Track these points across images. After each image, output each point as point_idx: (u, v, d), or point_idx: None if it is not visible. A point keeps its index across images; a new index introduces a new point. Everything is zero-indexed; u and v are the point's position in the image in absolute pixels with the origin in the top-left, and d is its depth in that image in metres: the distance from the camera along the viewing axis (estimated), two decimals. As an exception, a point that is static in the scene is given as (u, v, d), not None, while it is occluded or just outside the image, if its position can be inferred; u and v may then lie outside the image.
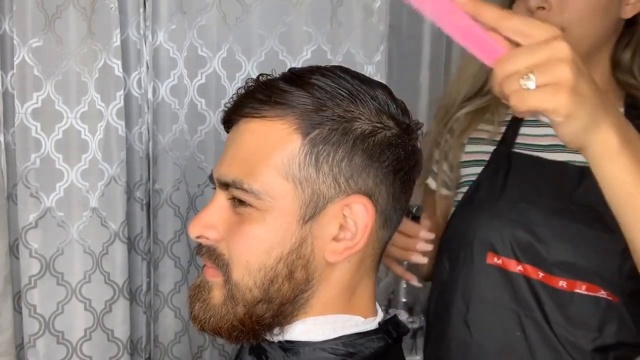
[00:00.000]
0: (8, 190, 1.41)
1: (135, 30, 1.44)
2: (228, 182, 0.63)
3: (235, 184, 0.63)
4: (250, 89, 0.67)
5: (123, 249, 1.45)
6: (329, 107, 0.62)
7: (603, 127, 0.61)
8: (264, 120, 0.63)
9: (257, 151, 0.63)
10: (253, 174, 0.62)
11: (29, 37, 1.35)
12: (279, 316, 0.64)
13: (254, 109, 0.64)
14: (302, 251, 0.62)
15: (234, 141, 0.66)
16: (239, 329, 0.64)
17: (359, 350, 0.64)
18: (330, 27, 1.55)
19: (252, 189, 0.62)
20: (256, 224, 0.62)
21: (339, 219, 0.62)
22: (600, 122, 0.61)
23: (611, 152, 0.62)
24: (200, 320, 0.65)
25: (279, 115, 0.62)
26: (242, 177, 0.62)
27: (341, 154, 0.61)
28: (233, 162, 0.64)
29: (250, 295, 0.63)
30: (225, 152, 0.66)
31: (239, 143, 0.65)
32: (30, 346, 1.42)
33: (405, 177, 0.65)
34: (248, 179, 0.62)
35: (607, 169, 0.64)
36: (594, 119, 0.60)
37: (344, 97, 0.62)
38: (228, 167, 0.64)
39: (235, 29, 1.51)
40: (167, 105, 1.49)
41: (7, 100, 1.38)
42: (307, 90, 0.62)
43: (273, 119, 0.63)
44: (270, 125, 0.63)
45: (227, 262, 0.63)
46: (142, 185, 1.50)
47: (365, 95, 0.63)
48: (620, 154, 0.62)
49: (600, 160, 0.64)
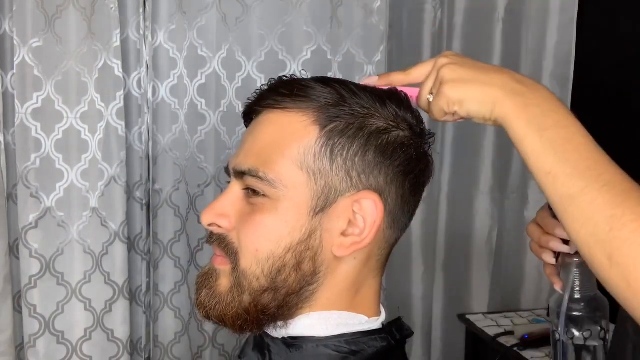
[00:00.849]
0: (8, 190, 1.41)
1: (135, 31, 1.44)
2: (244, 170, 0.64)
3: (251, 172, 0.64)
4: (274, 85, 0.68)
5: (123, 249, 1.45)
6: (348, 103, 0.64)
7: (505, 103, 0.64)
8: (285, 111, 0.65)
9: (275, 141, 0.65)
10: (269, 163, 0.63)
11: (29, 37, 1.35)
12: (283, 307, 0.64)
13: (276, 101, 0.66)
14: (311, 243, 0.63)
15: (253, 132, 0.67)
16: (244, 318, 0.64)
17: (362, 349, 0.64)
18: (330, 27, 1.55)
19: (267, 178, 0.63)
20: (268, 213, 0.63)
21: (348, 214, 0.63)
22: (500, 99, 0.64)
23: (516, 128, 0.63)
24: (205, 307, 0.66)
25: (300, 107, 0.64)
26: (258, 165, 0.64)
27: (355, 148, 0.63)
28: (250, 152, 0.66)
29: (257, 283, 0.63)
30: (243, 143, 0.68)
31: (258, 134, 0.66)
32: (31, 346, 1.42)
33: (415, 180, 0.66)
34: (264, 167, 0.63)
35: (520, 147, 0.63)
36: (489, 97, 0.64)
37: (364, 96, 0.64)
38: (245, 157, 0.65)
39: (235, 29, 1.52)
40: (167, 105, 1.49)
41: (7, 100, 1.38)
42: (330, 86, 0.65)
43: (293, 110, 0.64)
44: (290, 117, 0.65)
45: (236, 250, 0.64)
46: (142, 185, 1.50)
47: (383, 98, 0.65)
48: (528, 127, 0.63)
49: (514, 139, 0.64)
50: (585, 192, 0.59)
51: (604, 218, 0.58)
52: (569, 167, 0.60)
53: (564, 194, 0.60)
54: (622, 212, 0.58)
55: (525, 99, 0.63)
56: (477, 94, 0.65)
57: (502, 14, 1.78)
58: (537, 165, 0.62)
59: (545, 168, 0.61)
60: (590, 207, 0.59)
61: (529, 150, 0.62)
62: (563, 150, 0.61)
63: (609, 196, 0.59)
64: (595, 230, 0.59)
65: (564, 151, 0.61)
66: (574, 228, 0.61)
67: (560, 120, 0.62)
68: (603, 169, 0.61)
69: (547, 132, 0.61)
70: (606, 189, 0.59)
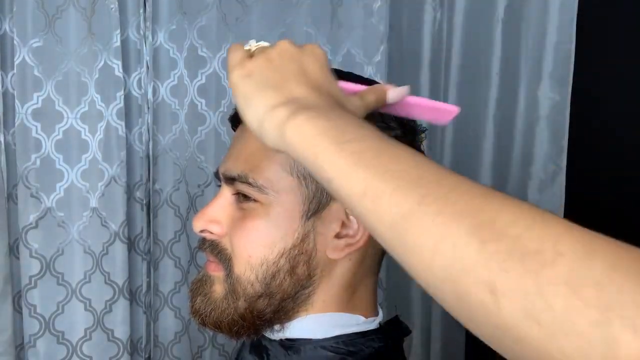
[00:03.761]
0: (8, 191, 1.41)
1: (136, 31, 1.44)
2: (234, 176, 0.64)
3: (240, 178, 0.63)
4: None
5: (123, 249, 1.45)
6: None
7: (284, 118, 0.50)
8: None
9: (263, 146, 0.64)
10: (258, 168, 0.63)
11: (29, 38, 1.35)
12: (279, 312, 0.64)
13: None
14: (305, 247, 0.63)
15: (241, 137, 0.67)
16: (240, 324, 0.65)
17: (359, 350, 0.64)
18: (330, 28, 1.56)
19: (257, 183, 0.63)
20: (259, 218, 0.63)
21: (341, 216, 0.63)
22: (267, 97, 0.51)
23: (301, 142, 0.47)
24: (201, 315, 0.66)
25: None
26: (247, 171, 0.63)
27: None
28: (239, 157, 0.65)
29: (252, 289, 0.63)
30: (232, 147, 0.67)
31: (246, 138, 0.66)
32: (31, 346, 1.42)
33: None
34: (253, 173, 0.63)
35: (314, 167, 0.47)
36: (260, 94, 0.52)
37: None
38: (234, 162, 0.65)
39: (235, 29, 1.52)
40: (167, 105, 1.49)
41: (8, 100, 1.38)
42: None
43: None
44: None
45: (230, 257, 0.64)
46: (142, 185, 1.50)
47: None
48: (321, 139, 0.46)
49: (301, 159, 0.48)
50: (425, 203, 0.40)
51: (465, 231, 0.38)
52: (392, 180, 0.42)
53: (394, 215, 0.41)
54: (490, 217, 0.38)
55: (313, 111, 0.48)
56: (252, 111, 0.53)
57: (501, 14, 1.78)
58: (344, 188, 0.44)
59: (357, 188, 0.43)
60: (439, 222, 0.39)
61: (327, 167, 0.45)
62: (378, 163, 0.43)
63: (462, 202, 0.39)
64: (457, 253, 0.38)
65: (379, 163, 0.43)
66: (422, 261, 0.40)
67: (366, 134, 0.46)
68: (441, 175, 0.42)
69: (348, 145, 0.44)
70: (455, 194, 0.40)
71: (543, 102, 1.84)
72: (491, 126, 1.82)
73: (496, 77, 1.80)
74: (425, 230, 0.40)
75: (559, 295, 0.34)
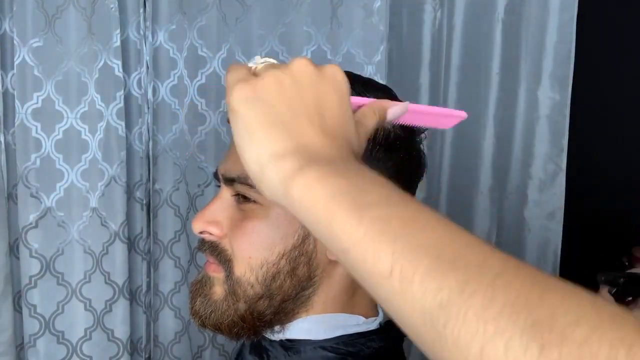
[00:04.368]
0: (8, 190, 1.41)
1: (136, 31, 1.44)
2: (233, 177, 0.64)
3: (240, 179, 0.63)
4: None
5: (123, 249, 1.45)
6: None
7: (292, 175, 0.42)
8: None
9: None
10: None
11: (29, 37, 1.35)
12: (279, 313, 0.64)
13: None
14: (305, 248, 0.62)
15: None
16: (240, 325, 0.64)
17: (359, 350, 0.64)
18: (330, 28, 1.55)
19: None
20: (259, 220, 0.62)
21: None
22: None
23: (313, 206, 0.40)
24: (200, 316, 0.65)
25: None
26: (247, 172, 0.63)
27: None
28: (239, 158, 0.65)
29: (252, 291, 0.63)
30: (231, 148, 0.66)
31: None
32: (31, 346, 1.42)
33: (409, 178, 0.65)
34: None
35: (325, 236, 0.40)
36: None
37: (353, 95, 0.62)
38: (234, 163, 0.64)
39: (235, 29, 1.52)
40: (167, 105, 1.49)
41: (8, 100, 1.38)
42: None
43: None
44: None
45: (230, 258, 0.64)
46: (142, 185, 1.50)
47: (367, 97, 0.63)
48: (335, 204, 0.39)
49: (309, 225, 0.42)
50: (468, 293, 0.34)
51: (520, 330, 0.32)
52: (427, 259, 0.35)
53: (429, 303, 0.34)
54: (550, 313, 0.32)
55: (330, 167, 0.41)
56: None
57: (501, 14, 1.78)
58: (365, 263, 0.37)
59: (382, 265, 0.36)
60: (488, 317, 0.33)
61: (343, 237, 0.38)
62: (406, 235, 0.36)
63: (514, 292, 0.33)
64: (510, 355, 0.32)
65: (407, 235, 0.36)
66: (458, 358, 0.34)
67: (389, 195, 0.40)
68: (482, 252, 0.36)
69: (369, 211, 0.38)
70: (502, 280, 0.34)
71: (543, 102, 1.84)
72: (491, 126, 1.82)
73: (496, 77, 1.80)
74: (469, 326, 0.33)
75: None
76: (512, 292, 0.33)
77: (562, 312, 0.32)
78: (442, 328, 0.34)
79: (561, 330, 0.31)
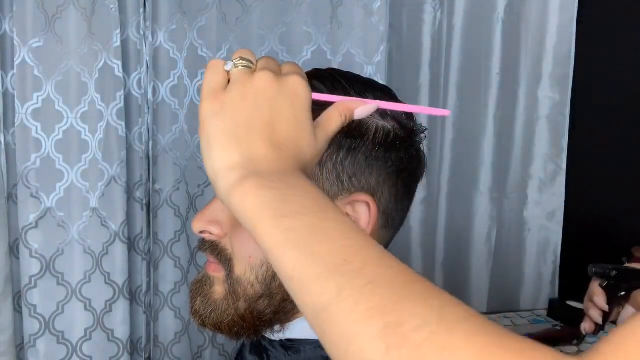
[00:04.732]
0: (8, 191, 1.41)
1: (136, 31, 1.44)
2: None
3: None
4: None
5: (123, 249, 1.45)
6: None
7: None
8: None
9: None
10: None
11: (29, 38, 1.35)
12: (279, 312, 0.64)
13: None
14: None
15: None
16: (240, 325, 0.64)
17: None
18: (330, 28, 1.56)
19: None
20: None
21: None
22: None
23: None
24: (201, 316, 0.65)
25: None
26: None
27: (345, 153, 0.61)
28: None
29: (252, 290, 0.63)
30: None
31: None
32: (31, 346, 1.42)
33: (409, 178, 0.65)
34: None
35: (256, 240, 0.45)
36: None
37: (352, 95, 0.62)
38: None
39: (235, 29, 1.52)
40: (167, 105, 1.49)
41: (8, 100, 1.38)
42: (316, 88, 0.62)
43: None
44: None
45: (230, 257, 0.63)
46: (142, 186, 1.50)
47: (367, 97, 0.63)
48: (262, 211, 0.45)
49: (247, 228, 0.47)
50: (342, 296, 0.39)
51: (373, 333, 0.37)
52: (316, 264, 0.41)
53: (315, 305, 0.40)
54: (398, 319, 0.37)
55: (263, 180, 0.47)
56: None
57: (501, 14, 1.78)
58: (279, 267, 0.43)
59: (287, 270, 0.42)
60: (352, 319, 0.38)
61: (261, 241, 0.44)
62: (307, 242, 0.42)
63: (378, 298, 0.38)
64: (364, 356, 0.37)
65: (308, 243, 0.42)
66: (336, 356, 0.40)
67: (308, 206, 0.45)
68: (367, 258, 0.41)
69: (285, 220, 0.43)
70: (372, 287, 0.39)
71: (543, 102, 1.85)
72: (491, 126, 1.82)
73: (496, 77, 1.80)
74: (339, 327, 0.39)
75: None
76: (375, 299, 0.38)
77: (409, 318, 0.37)
78: (323, 327, 0.40)
79: (404, 334, 0.36)
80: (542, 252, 1.91)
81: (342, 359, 0.39)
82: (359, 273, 0.40)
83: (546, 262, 1.91)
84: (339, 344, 0.39)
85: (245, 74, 0.51)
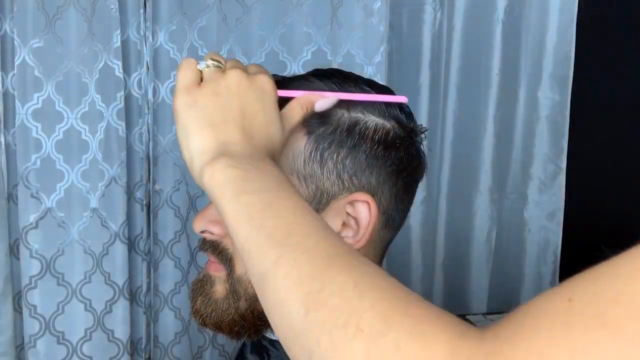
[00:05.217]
0: (8, 191, 1.41)
1: (136, 31, 1.44)
2: None
3: None
4: None
5: (123, 250, 1.45)
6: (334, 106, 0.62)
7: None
8: None
9: None
10: None
11: (29, 38, 1.35)
12: None
13: None
14: None
15: None
16: (240, 324, 0.64)
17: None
18: (330, 28, 1.56)
19: None
20: None
21: (341, 217, 0.62)
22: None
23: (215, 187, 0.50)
24: (201, 315, 0.65)
25: None
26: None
27: (345, 152, 0.62)
28: None
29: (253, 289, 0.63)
30: None
31: None
32: (31, 346, 1.42)
33: (408, 178, 0.65)
34: None
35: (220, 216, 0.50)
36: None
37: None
38: None
39: (235, 30, 1.52)
40: (167, 105, 1.49)
41: (8, 100, 1.38)
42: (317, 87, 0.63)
43: None
44: None
45: (231, 257, 0.64)
46: (143, 186, 1.50)
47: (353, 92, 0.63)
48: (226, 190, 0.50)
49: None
50: (278, 264, 0.43)
51: (300, 297, 0.41)
52: (263, 236, 0.45)
53: (257, 273, 0.45)
54: (322, 285, 0.41)
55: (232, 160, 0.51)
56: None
57: (501, 14, 1.78)
58: (235, 239, 0.47)
59: (240, 241, 0.47)
60: (284, 285, 0.42)
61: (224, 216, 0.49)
62: (260, 217, 0.47)
63: (308, 266, 0.42)
64: (290, 318, 0.41)
65: (260, 217, 0.47)
66: (273, 320, 0.44)
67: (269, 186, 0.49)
68: (309, 232, 0.46)
69: (245, 197, 0.48)
70: (306, 257, 0.43)
71: (543, 102, 1.85)
72: (491, 126, 1.82)
73: (496, 77, 1.80)
74: (274, 292, 0.43)
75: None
76: (306, 267, 0.42)
77: (329, 284, 0.40)
78: (262, 293, 0.44)
79: (323, 299, 0.40)
80: (542, 252, 1.91)
81: (276, 321, 0.43)
82: (298, 245, 0.44)
83: (546, 262, 1.91)
84: (274, 307, 0.43)
85: (217, 72, 0.57)
